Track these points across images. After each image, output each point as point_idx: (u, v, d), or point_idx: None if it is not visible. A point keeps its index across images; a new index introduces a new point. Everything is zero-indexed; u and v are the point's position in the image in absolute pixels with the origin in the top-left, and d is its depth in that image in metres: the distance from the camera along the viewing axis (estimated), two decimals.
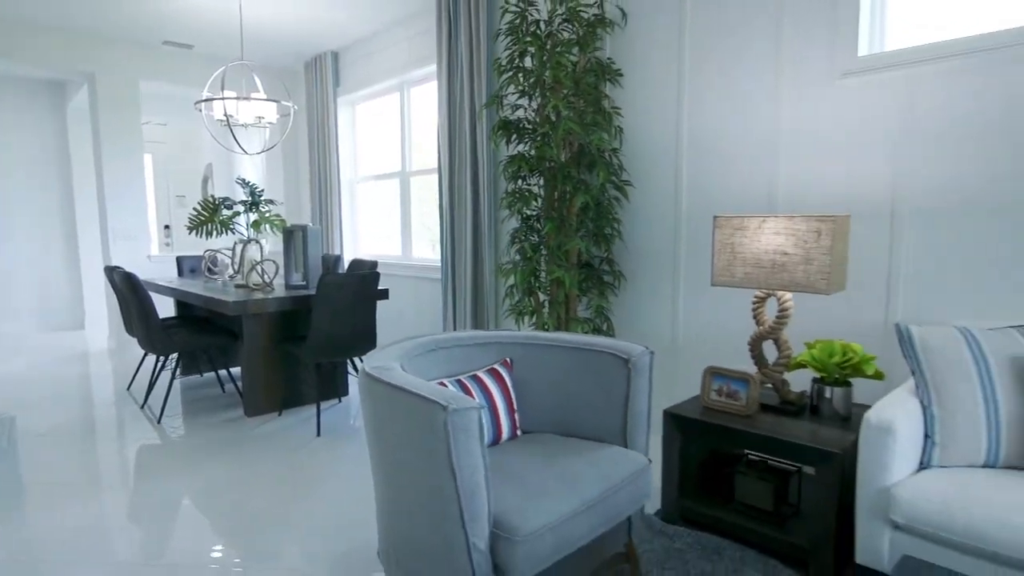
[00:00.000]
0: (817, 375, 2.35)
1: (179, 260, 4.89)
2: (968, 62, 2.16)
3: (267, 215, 4.19)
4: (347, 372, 4.10)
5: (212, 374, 4.58)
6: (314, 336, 3.21)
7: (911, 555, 1.33)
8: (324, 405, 3.84)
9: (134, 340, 5.73)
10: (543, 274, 3.24)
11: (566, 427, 1.95)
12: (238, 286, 4.00)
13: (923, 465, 1.75)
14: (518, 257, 3.28)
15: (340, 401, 3.93)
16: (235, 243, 4.18)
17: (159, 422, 3.51)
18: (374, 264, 3.98)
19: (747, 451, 2.38)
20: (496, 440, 1.87)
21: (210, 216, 4.15)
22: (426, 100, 4.84)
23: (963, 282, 2.20)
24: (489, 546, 1.37)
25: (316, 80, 5.67)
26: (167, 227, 8.55)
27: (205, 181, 8.47)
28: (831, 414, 2.11)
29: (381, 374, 1.49)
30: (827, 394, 2.11)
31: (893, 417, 1.65)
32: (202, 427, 3.41)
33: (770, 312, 2.70)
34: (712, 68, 2.86)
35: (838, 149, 2.49)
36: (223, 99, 3.79)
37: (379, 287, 4.63)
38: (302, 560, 2.04)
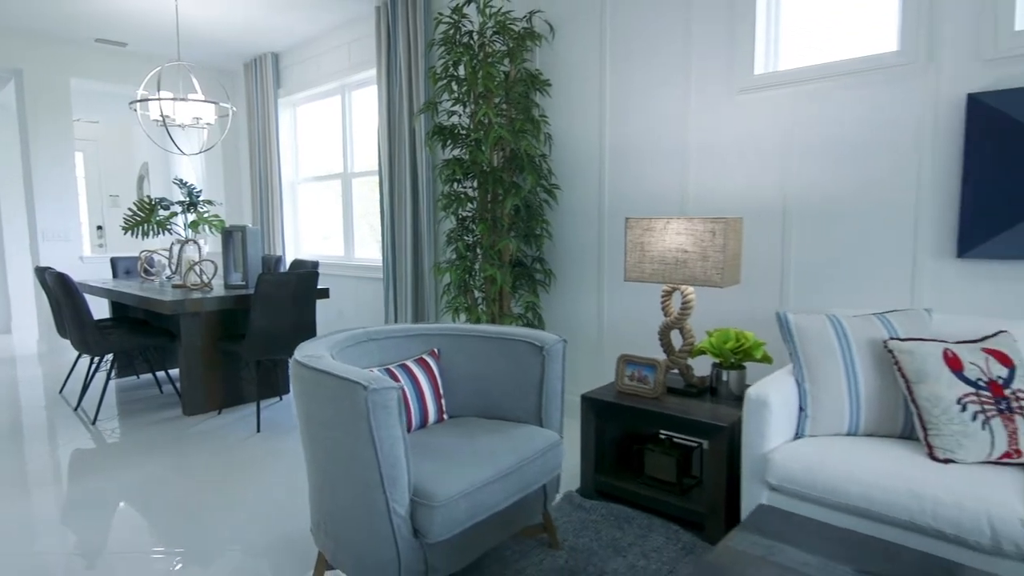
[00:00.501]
0: (715, 360, 2.60)
1: (113, 261, 4.82)
2: (837, 83, 2.46)
3: (205, 216, 4.21)
4: (288, 370, 4.16)
5: (149, 376, 4.54)
6: (253, 334, 3.28)
7: (766, 504, 1.56)
8: (264, 403, 3.90)
9: (66, 343, 5.58)
10: (478, 272, 3.41)
11: (488, 410, 2.12)
12: (176, 286, 4.01)
13: (798, 434, 2.00)
14: (454, 256, 3.44)
15: (281, 399, 3.99)
16: (172, 244, 4.18)
17: (94, 423, 3.49)
18: (315, 264, 4.05)
19: (661, 431, 2.62)
20: (423, 423, 2.02)
21: (146, 216, 4.13)
22: (367, 102, 4.94)
23: (839, 275, 2.50)
24: (409, 512, 1.53)
25: (256, 81, 5.68)
26: (100, 227, 8.29)
27: (140, 180, 8.27)
28: (727, 394, 2.36)
29: (310, 361, 1.62)
30: (724, 377, 2.36)
31: (769, 393, 1.90)
32: (139, 427, 3.42)
33: (677, 304, 2.95)
34: (630, 82, 3.10)
35: (737, 158, 2.76)
36: (159, 99, 3.80)
37: (320, 286, 4.70)
38: (240, 545, 2.14)
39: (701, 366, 2.90)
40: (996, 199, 2.13)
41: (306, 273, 3.39)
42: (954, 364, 1.81)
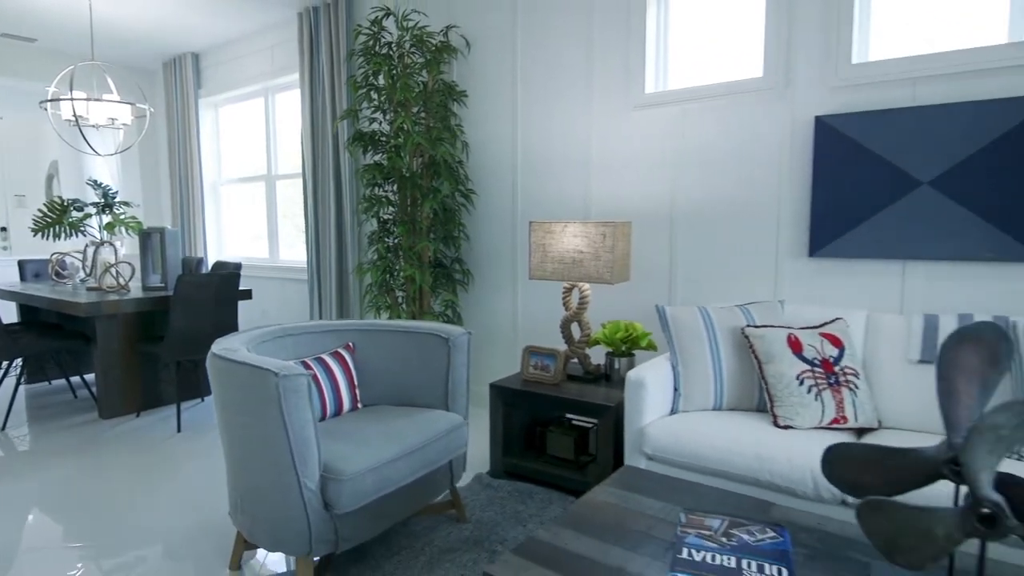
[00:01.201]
0: (608, 349, 2.87)
1: (21, 264, 4.65)
2: (715, 103, 2.79)
3: (122, 217, 4.16)
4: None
5: (62, 381, 4.43)
6: (173, 334, 3.31)
7: (630, 466, 1.81)
8: (186, 405, 3.90)
9: None
10: (399, 272, 3.57)
11: (400, 398, 2.30)
12: (91, 289, 3.95)
13: (672, 411, 2.29)
14: (375, 257, 3.59)
15: (203, 400, 4.01)
16: (87, 246, 4.11)
17: (2, 430, 3.42)
18: (238, 266, 4.09)
19: (563, 414, 2.87)
20: (338, 412, 2.18)
21: (58, 218, 4.05)
22: (291, 105, 4.99)
23: (717, 272, 2.83)
24: (319, 487, 1.69)
25: (176, 80, 5.60)
26: (3, 229, 7.85)
27: (50, 180, 7.88)
28: (618, 380, 2.63)
29: (226, 353, 1.75)
30: (616, 364, 2.63)
31: (646, 375, 2.17)
32: (52, 432, 3.38)
33: (576, 300, 3.21)
34: (540, 96, 3.35)
35: (633, 167, 3.06)
36: (72, 100, 3.75)
37: (244, 288, 4.71)
38: (159, 535, 2.22)
39: (598, 355, 3.18)
40: (838, 206, 2.50)
41: (227, 274, 3.45)
42: (795, 346, 2.14)
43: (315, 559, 2.02)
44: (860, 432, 2.10)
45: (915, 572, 0.88)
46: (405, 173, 3.40)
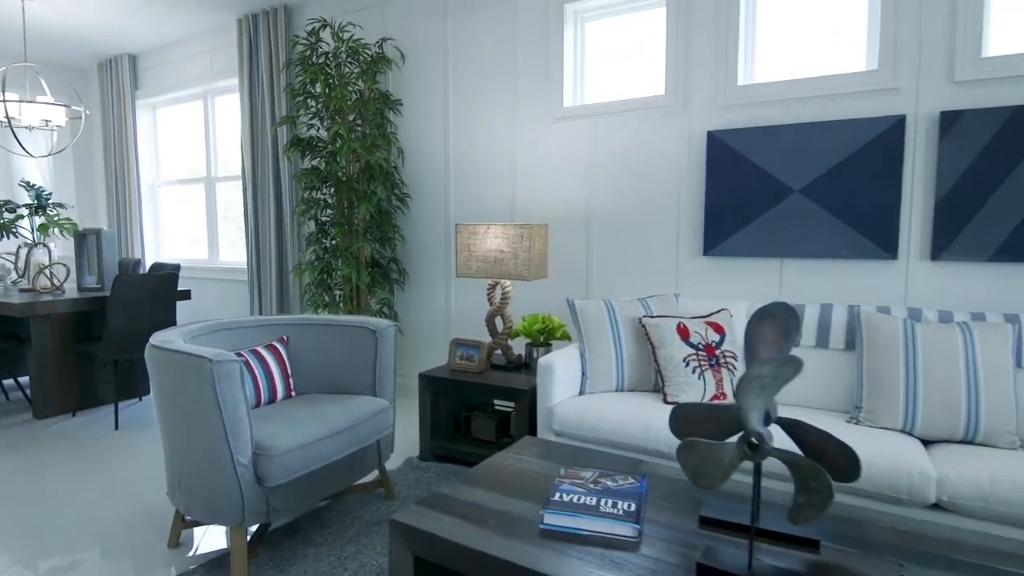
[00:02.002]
0: (528, 340, 3.13)
1: None
2: (622, 117, 3.09)
3: (56, 219, 4.17)
4: (148, 371, 4.22)
5: None
6: (110, 334, 3.38)
7: (528, 437, 2.06)
8: (123, 404, 3.95)
9: None
10: (337, 272, 3.73)
11: (331, 387, 2.49)
12: (23, 290, 3.95)
13: (581, 392, 2.56)
14: (313, 258, 3.74)
15: (141, 400, 4.06)
16: (19, 247, 4.09)
17: None
18: (176, 267, 4.16)
19: (489, 399, 3.11)
20: (272, 399, 2.35)
21: None
22: (231, 108, 5.06)
23: (627, 269, 3.13)
24: (252, 462, 1.87)
25: (112, 81, 5.57)
26: None
27: None
28: (536, 367, 2.89)
29: (163, 344, 1.91)
30: (535, 354, 2.89)
31: (554, 361, 2.43)
32: None
33: (499, 296, 3.47)
34: (469, 106, 3.59)
35: (553, 173, 3.33)
36: (3, 102, 3.75)
37: (182, 288, 4.76)
38: (96, 522, 2.34)
39: (521, 346, 3.44)
40: (727, 211, 2.83)
41: (165, 275, 3.54)
42: (683, 333, 2.44)
43: (249, 531, 2.19)
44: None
45: (710, 490, 1.14)
46: (342, 177, 3.58)
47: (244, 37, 4.42)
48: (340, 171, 3.56)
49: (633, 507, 1.39)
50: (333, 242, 3.73)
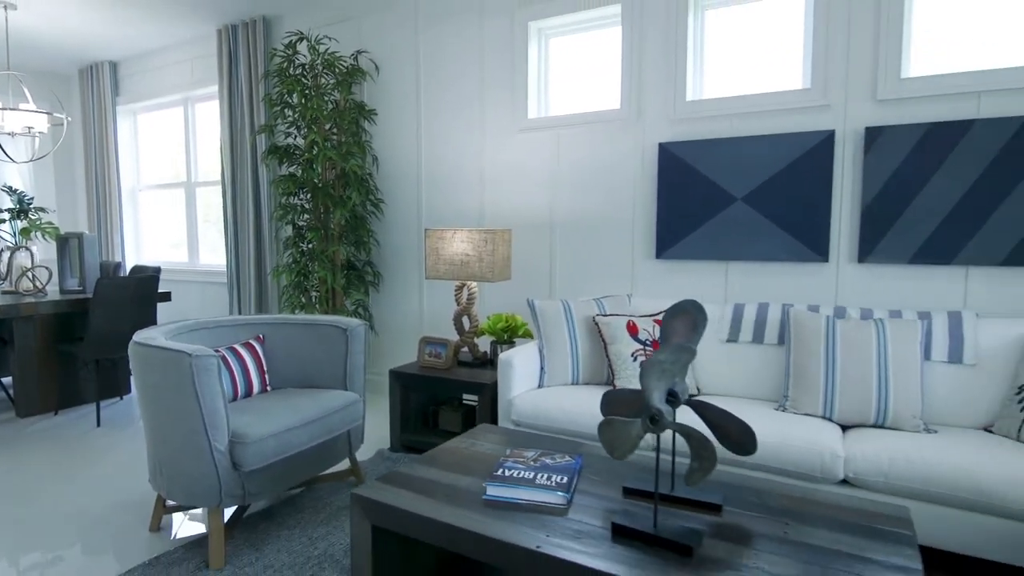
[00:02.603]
0: (492, 338, 3.32)
1: None
2: (583, 129, 3.30)
3: (38, 223, 4.27)
4: (129, 371, 4.34)
5: None
6: (92, 334, 3.51)
7: (484, 424, 2.25)
8: (105, 402, 4.07)
9: None
10: (313, 274, 3.89)
11: (304, 382, 2.66)
12: (5, 292, 4.05)
13: (539, 386, 2.75)
14: (290, 261, 3.90)
15: (122, 399, 4.17)
16: (2, 250, 4.19)
17: None
18: (156, 269, 4.28)
19: (459, 394, 3.29)
20: (249, 393, 2.51)
21: None
22: (212, 114, 5.19)
23: (587, 270, 3.33)
24: (228, 449, 2.03)
25: (93, 87, 5.67)
26: None
27: None
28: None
29: (146, 340, 2.07)
30: (499, 351, 3.08)
31: (514, 357, 2.62)
32: None
33: (466, 296, 3.66)
34: (440, 117, 3.77)
35: (519, 181, 3.52)
36: None
37: (162, 290, 4.87)
38: (81, 513, 2.48)
39: (487, 343, 3.62)
40: (677, 217, 3.04)
41: (145, 277, 3.68)
42: (632, 330, 2.65)
43: (226, 513, 2.35)
44: None
45: (623, 460, 1.33)
46: (318, 184, 3.74)
47: (224, 47, 4.57)
48: (316, 178, 3.73)
49: (565, 479, 1.58)
50: (310, 246, 3.89)
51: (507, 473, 1.62)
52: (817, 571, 1.21)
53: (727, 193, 2.92)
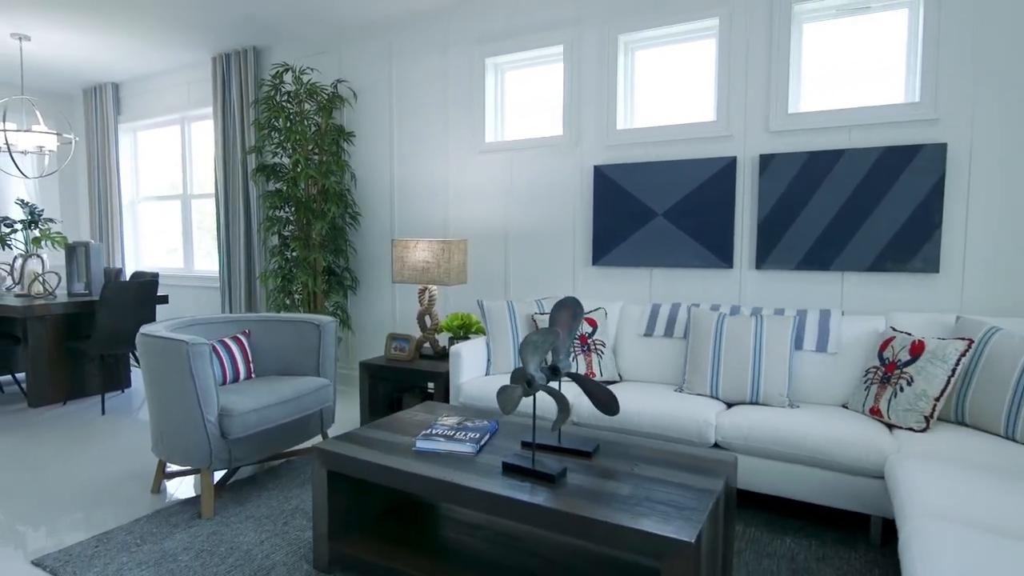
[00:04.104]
0: (450, 335, 3.78)
1: None
2: (532, 152, 3.78)
3: (48, 232, 4.72)
4: (130, 366, 4.78)
5: None
6: (99, 332, 3.95)
7: (430, 401, 2.71)
8: (109, 395, 4.51)
9: None
10: (297, 279, 4.35)
11: (284, 370, 3.11)
12: (19, 295, 4.49)
13: (487, 374, 3.21)
14: (276, 267, 4.36)
15: (123, 392, 4.62)
16: (15, 258, 4.64)
17: None
18: (155, 275, 4.73)
19: (420, 383, 3.75)
20: (236, 379, 2.97)
21: None
22: (207, 132, 5.65)
23: (535, 275, 3.80)
24: (217, 421, 2.48)
25: (96, 106, 6.12)
26: None
27: None
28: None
29: (152, 331, 2.52)
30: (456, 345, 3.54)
31: (462, 349, 3.09)
32: None
33: (427, 298, 4.12)
34: (409, 138, 4.25)
35: (478, 197, 4.00)
36: (3, 131, 4.31)
37: (161, 294, 5.32)
38: (91, 481, 2.92)
39: (446, 339, 4.08)
40: (610, 230, 3.52)
41: (146, 281, 4.13)
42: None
43: (215, 476, 2.80)
44: (607, 383, 3.10)
45: (509, 415, 1.78)
46: (301, 198, 4.21)
47: (218, 73, 5.04)
48: (300, 193, 4.19)
49: (478, 436, 2.05)
50: (293, 254, 4.35)
51: (434, 432, 2.08)
52: (643, 490, 1.68)
53: (650, 209, 3.40)
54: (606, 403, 1.95)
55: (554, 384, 2.90)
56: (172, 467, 2.98)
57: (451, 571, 1.88)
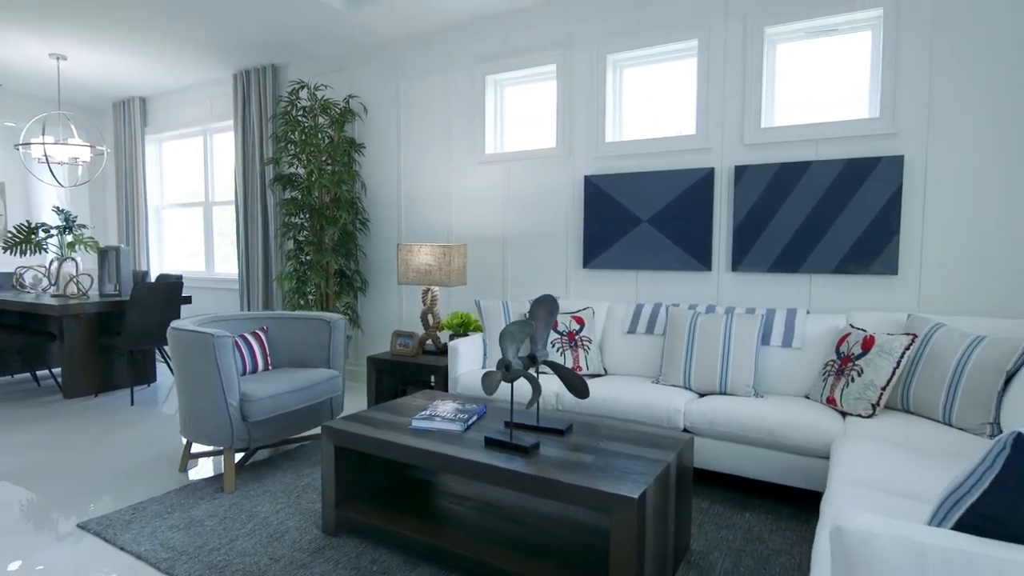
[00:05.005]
0: (451, 332, 4.07)
1: None
2: (528, 162, 4.06)
3: (81, 237, 5.09)
4: (155, 361, 5.13)
5: (23, 375, 5.26)
6: (129, 329, 4.29)
7: (427, 389, 2.99)
8: (137, 388, 4.85)
9: None
10: (310, 281, 4.66)
11: (297, 363, 3.42)
12: (55, 296, 4.85)
13: (483, 367, 3.49)
14: (291, 269, 4.68)
15: (149, 386, 4.96)
16: (52, 261, 5.01)
17: None
18: (179, 277, 5.07)
19: (424, 376, 4.04)
20: (255, 370, 3.27)
21: (26, 237, 4.94)
22: (228, 142, 6.00)
23: (531, 277, 4.08)
24: (239, 406, 2.79)
25: (124, 119, 6.52)
26: None
27: None
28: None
29: (182, 326, 2.84)
30: None
31: (459, 344, 3.37)
32: (18, 408, 4.28)
33: (430, 298, 4.41)
34: (416, 150, 4.55)
35: (479, 204, 4.29)
36: (43, 144, 4.69)
37: (184, 295, 5.68)
38: (124, 462, 3.24)
39: (447, 336, 4.36)
40: (599, 235, 3.79)
41: (172, 283, 4.47)
42: (554, 324, 3.39)
43: (236, 456, 3.10)
44: (593, 376, 3.36)
45: (490, 397, 2.04)
46: (315, 206, 4.52)
47: (238, 89, 5.39)
48: (314, 201, 4.51)
49: (467, 417, 2.33)
50: (307, 257, 4.67)
51: (429, 414, 2.36)
52: (604, 460, 1.95)
53: (636, 216, 3.67)
54: (579, 388, 2.22)
55: (532, 371, 3.18)
56: (197, 448, 3.29)
57: (442, 534, 2.16)
